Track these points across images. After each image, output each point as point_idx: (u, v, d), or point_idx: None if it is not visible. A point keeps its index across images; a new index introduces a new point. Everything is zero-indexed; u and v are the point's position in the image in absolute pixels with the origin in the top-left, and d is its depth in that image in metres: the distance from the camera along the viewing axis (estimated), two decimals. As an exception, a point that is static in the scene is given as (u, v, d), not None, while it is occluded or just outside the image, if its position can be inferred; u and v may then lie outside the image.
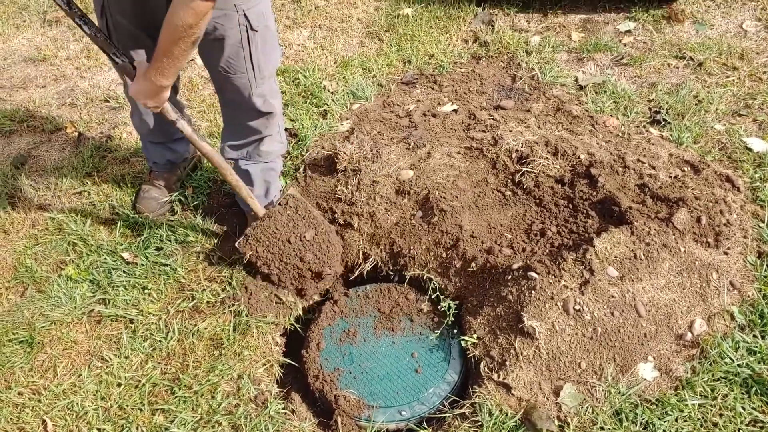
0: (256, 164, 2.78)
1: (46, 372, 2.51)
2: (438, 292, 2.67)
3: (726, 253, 2.53)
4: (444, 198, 2.80)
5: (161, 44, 1.98)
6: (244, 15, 2.20)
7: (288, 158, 3.29)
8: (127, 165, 3.41)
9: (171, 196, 3.12)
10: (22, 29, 4.73)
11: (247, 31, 2.25)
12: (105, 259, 2.86)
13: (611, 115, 3.37)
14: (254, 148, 2.73)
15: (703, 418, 2.12)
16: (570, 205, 2.74)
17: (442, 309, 2.60)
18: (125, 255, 2.88)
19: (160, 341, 2.57)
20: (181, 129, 2.32)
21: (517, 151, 2.94)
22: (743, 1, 4.16)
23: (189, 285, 2.77)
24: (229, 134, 2.73)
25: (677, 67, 3.70)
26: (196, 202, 3.12)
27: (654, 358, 2.29)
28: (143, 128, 2.89)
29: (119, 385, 2.44)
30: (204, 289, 2.73)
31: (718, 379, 2.20)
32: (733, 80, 3.53)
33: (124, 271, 2.81)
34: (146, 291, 2.74)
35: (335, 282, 2.91)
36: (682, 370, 2.27)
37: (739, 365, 2.22)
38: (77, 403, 2.38)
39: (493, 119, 3.27)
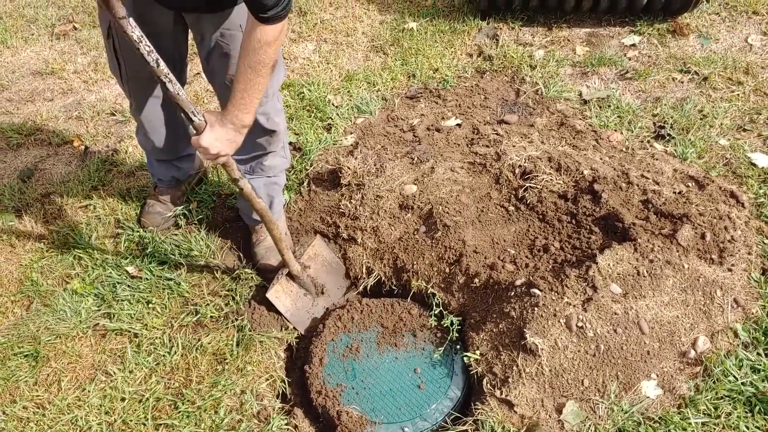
0: (260, 178, 2.80)
1: (51, 386, 2.52)
2: (441, 308, 2.67)
3: (730, 270, 2.53)
4: (447, 213, 2.80)
5: (244, 83, 1.97)
6: None
7: (292, 172, 3.31)
8: (132, 179, 3.43)
9: (175, 210, 3.14)
10: (30, 42, 4.77)
11: None
12: (110, 273, 2.88)
13: (615, 130, 3.37)
14: (257, 163, 2.75)
15: (706, 436, 2.11)
16: (573, 221, 2.74)
17: (445, 324, 2.60)
18: (130, 269, 2.89)
19: (163, 356, 2.58)
20: (242, 188, 2.27)
21: (520, 166, 2.95)
22: (748, 15, 4.16)
23: (193, 299, 2.78)
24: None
25: (682, 82, 3.70)
26: (200, 216, 3.13)
27: (657, 376, 2.28)
28: (148, 145, 2.90)
29: (123, 399, 2.45)
30: (208, 304, 2.75)
31: (722, 398, 2.20)
32: (738, 95, 3.53)
33: (129, 286, 2.83)
34: (150, 305, 2.76)
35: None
36: (685, 387, 2.26)
37: (742, 383, 2.21)
38: (81, 418, 2.38)
39: (496, 134, 3.28)
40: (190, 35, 2.48)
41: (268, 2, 1.83)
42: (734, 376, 2.23)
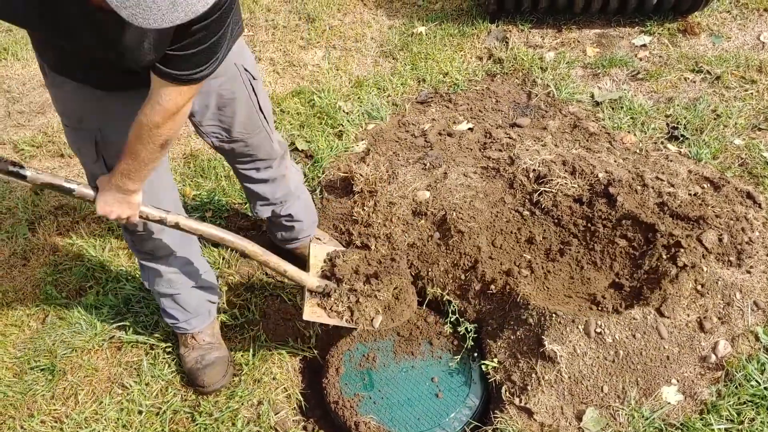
0: (293, 202, 2.73)
1: (68, 400, 2.52)
2: (457, 315, 2.65)
3: (749, 272, 2.50)
4: (461, 219, 2.79)
5: (128, 144, 1.80)
6: (245, 69, 2.14)
7: (304, 180, 3.30)
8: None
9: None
10: (41, 54, 4.78)
11: (251, 83, 2.18)
12: (124, 285, 2.88)
13: (628, 132, 3.34)
14: (282, 193, 2.65)
15: (729, 443, 2.09)
16: (589, 225, 2.72)
17: (462, 332, 2.58)
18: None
19: (180, 367, 2.58)
20: (173, 223, 2.03)
21: (534, 170, 2.93)
22: (760, 13, 4.12)
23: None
24: (256, 195, 2.64)
25: (694, 81, 3.67)
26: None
27: (678, 381, 2.26)
28: (179, 280, 2.47)
29: (140, 412, 2.45)
30: (224, 312, 2.74)
31: (744, 403, 2.17)
32: (752, 93, 3.49)
33: (144, 297, 2.82)
34: (166, 317, 2.75)
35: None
36: (706, 393, 2.23)
37: (765, 388, 2.18)
38: (99, 431, 2.38)
39: (509, 138, 3.26)
40: None
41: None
42: (756, 381, 2.21)
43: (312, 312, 2.35)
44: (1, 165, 1.71)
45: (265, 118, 2.32)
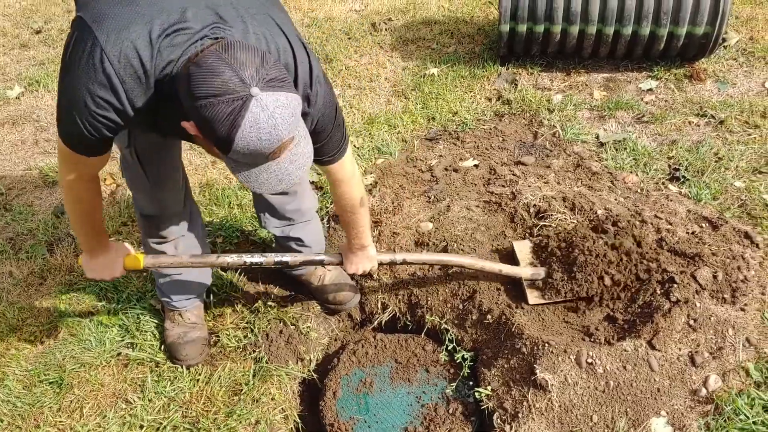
0: (304, 225, 2.81)
1: (74, 412, 2.60)
2: (454, 343, 2.71)
3: (743, 310, 2.53)
4: (462, 250, 2.86)
5: (348, 222, 2.36)
6: None
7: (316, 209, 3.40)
8: (160, 215, 3.55)
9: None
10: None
11: None
12: (135, 305, 2.97)
13: (631, 172, 3.41)
14: (292, 208, 2.73)
15: (716, 474, 2.10)
16: (586, 259, 2.77)
17: (458, 360, 2.64)
18: (153, 302, 2.98)
19: (182, 385, 2.65)
20: (402, 260, 2.62)
21: (535, 205, 3.01)
22: (766, 61, 4.21)
23: (213, 330, 2.86)
24: (267, 204, 2.73)
25: (698, 125, 3.74)
26: (224, 250, 3.22)
27: (667, 413, 2.28)
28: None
29: (141, 426, 2.52)
30: (227, 335, 2.82)
31: (733, 436, 2.19)
32: (755, 138, 3.56)
33: (152, 318, 2.91)
34: (172, 336, 2.83)
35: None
36: (696, 426, 2.25)
37: (754, 422, 2.20)
38: (101, 444, 2.46)
39: (512, 174, 3.34)
40: None
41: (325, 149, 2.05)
42: (746, 415, 2.22)
43: (534, 298, 2.71)
44: (268, 260, 2.42)
45: None
